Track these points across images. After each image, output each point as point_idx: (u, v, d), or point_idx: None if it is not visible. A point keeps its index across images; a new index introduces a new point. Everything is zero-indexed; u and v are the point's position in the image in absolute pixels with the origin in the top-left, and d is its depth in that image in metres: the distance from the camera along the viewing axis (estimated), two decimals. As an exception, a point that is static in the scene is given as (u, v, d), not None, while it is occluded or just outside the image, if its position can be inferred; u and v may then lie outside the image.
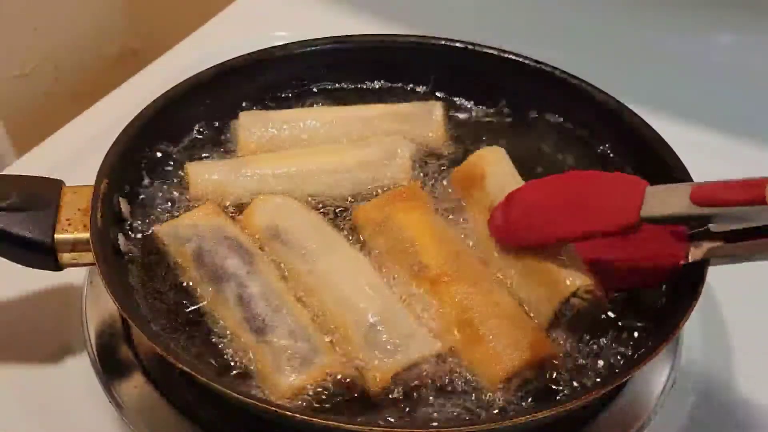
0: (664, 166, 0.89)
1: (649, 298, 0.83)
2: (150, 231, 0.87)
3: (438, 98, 1.03)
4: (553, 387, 0.77)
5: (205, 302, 0.81)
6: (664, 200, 0.69)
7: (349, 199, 0.92)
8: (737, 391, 0.89)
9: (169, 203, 0.91)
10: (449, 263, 0.83)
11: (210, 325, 0.80)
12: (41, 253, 0.81)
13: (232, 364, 0.77)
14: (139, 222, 0.88)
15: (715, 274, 0.79)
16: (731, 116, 1.20)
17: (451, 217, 0.90)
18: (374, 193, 0.92)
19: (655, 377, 0.83)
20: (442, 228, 0.88)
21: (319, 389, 0.75)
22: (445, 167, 0.96)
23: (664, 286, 0.83)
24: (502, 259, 0.84)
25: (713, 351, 0.93)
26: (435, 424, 0.74)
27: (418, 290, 0.82)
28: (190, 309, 0.81)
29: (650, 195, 0.70)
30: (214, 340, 0.79)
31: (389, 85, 1.06)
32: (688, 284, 0.78)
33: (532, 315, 0.81)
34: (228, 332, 0.79)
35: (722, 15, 1.24)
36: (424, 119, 1.00)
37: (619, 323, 0.81)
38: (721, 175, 0.68)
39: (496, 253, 0.84)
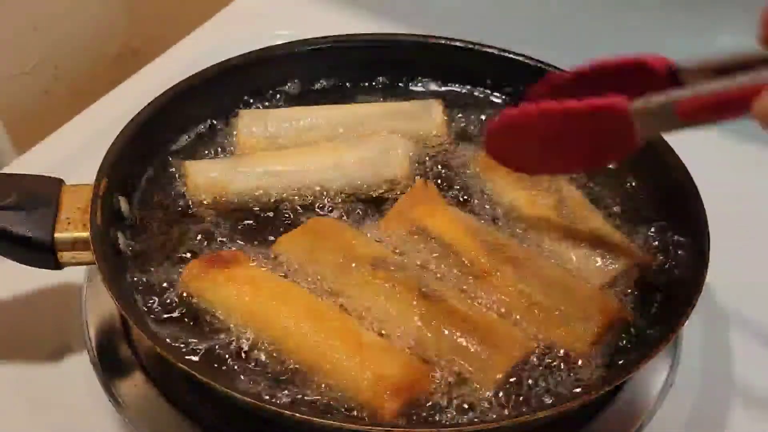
0: (663, 165, 0.89)
1: (649, 298, 0.83)
2: (149, 227, 0.87)
3: (437, 97, 1.03)
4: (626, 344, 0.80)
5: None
6: (654, 122, 0.71)
7: (345, 196, 0.92)
8: (736, 391, 0.89)
9: (170, 202, 0.91)
10: (493, 254, 0.84)
11: (211, 323, 0.80)
12: (41, 252, 0.81)
13: (233, 363, 0.77)
14: (138, 221, 0.88)
15: (715, 274, 0.79)
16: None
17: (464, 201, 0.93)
18: (373, 191, 0.92)
19: (655, 377, 0.83)
20: (468, 220, 0.89)
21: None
22: (444, 165, 0.96)
23: (660, 287, 0.83)
24: (536, 234, 0.88)
25: (713, 351, 0.93)
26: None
27: (475, 287, 0.82)
28: (190, 308, 0.81)
29: (638, 117, 0.71)
30: (214, 338, 0.79)
31: (389, 84, 1.06)
32: (687, 284, 0.78)
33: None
34: None
35: (722, 15, 1.24)
36: (423, 118, 1.00)
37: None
38: (721, 174, 0.67)
39: (529, 228, 0.88)
